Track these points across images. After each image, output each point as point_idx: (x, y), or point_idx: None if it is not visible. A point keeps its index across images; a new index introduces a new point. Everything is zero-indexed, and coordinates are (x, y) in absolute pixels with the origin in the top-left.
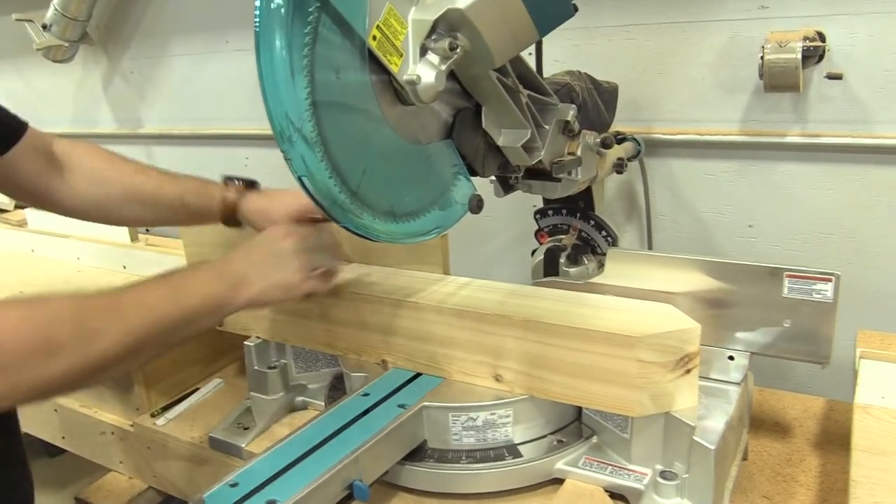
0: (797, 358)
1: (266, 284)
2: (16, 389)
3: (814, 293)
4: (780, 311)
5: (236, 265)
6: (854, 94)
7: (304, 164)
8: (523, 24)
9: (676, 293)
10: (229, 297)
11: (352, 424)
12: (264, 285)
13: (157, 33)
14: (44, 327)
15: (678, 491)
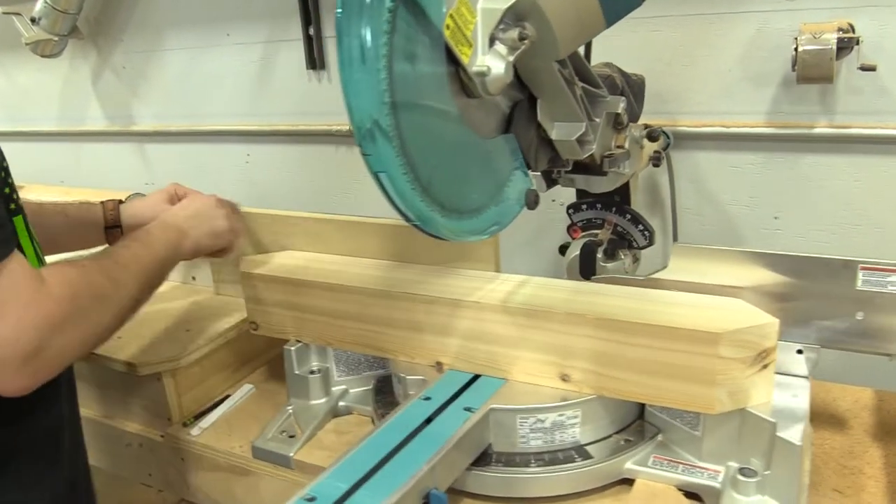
0: (868, 351)
1: (201, 234)
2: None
3: (888, 285)
4: (853, 304)
5: (178, 219)
6: (883, 86)
7: (382, 161)
8: (592, 13)
9: (742, 287)
10: (180, 245)
11: (420, 431)
12: (201, 234)
13: (151, 26)
14: (95, 280)
15: (759, 488)
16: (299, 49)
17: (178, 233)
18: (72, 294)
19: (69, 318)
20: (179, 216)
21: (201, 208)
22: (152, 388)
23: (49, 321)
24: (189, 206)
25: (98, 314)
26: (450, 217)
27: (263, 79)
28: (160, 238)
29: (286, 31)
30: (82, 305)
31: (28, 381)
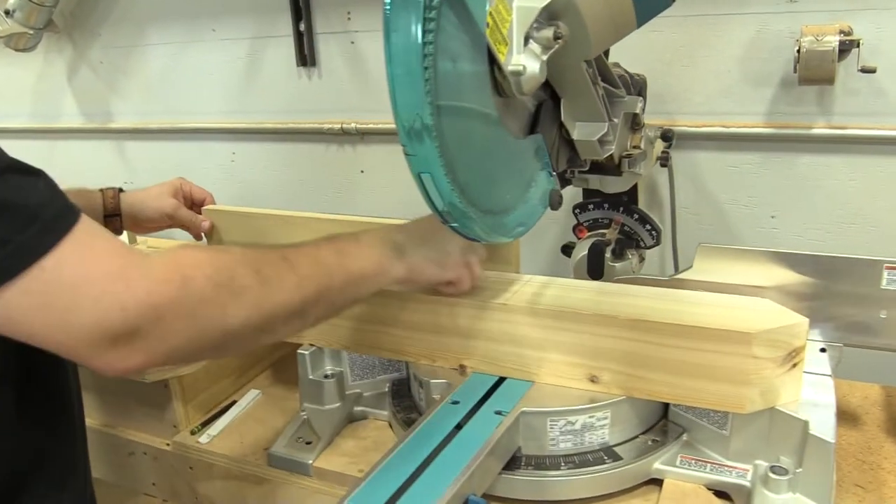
0: (891, 349)
1: (423, 258)
2: (202, 332)
3: None
4: (878, 303)
5: (398, 237)
6: (880, 88)
7: (426, 161)
8: (626, 12)
9: (766, 287)
10: (390, 265)
11: (453, 436)
12: (421, 258)
13: (132, 20)
14: (229, 268)
15: (790, 486)
16: (289, 45)
17: (392, 251)
18: (182, 277)
19: (175, 304)
20: (405, 239)
21: (430, 229)
22: (158, 395)
23: (142, 302)
24: (428, 224)
25: (226, 308)
26: (483, 218)
27: (251, 76)
28: (366, 253)
29: (275, 26)
30: (199, 293)
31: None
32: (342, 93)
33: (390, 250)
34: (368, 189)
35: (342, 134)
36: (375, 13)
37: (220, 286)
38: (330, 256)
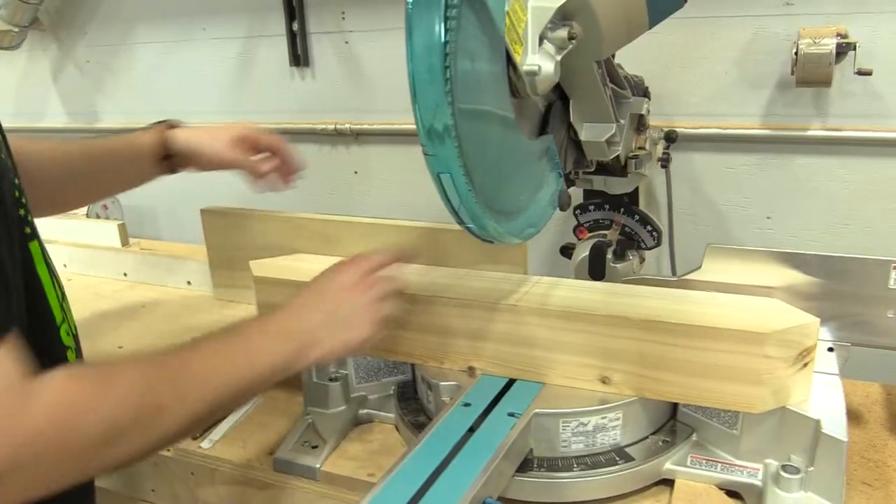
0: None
1: (336, 343)
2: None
3: None
4: (885, 303)
5: (305, 322)
6: (874, 90)
7: (445, 161)
8: (639, 13)
9: (774, 287)
10: (298, 360)
11: (467, 439)
12: (334, 344)
13: (119, 18)
14: (109, 415)
15: (802, 485)
16: (282, 45)
17: (301, 346)
18: (67, 421)
19: (54, 444)
20: (312, 319)
21: (345, 301)
22: None
23: (23, 440)
24: (327, 294)
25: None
26: (497, 219)
27: (242, 75)
28: (271, 351)
29: (267, 26)
30: (83, 439)
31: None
32: (336, 93)
33: (298, 344)
34: (363, 190)
35: (336, 135)
36: (370, 13)
37: (107, 432)
38: (233, 363)
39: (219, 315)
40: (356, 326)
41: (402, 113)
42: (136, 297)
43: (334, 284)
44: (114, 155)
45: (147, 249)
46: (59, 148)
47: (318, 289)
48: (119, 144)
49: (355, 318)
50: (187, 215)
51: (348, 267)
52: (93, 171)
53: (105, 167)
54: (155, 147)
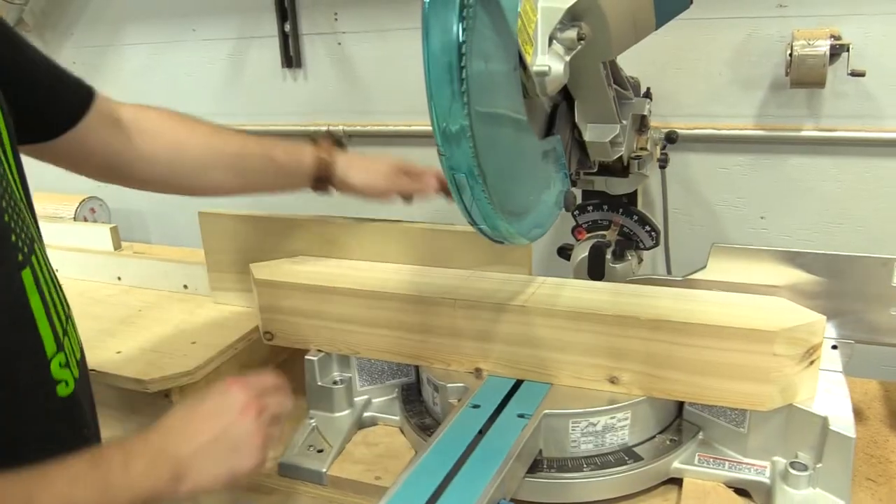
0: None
1: (220, 471)
2: None
3: None
4: (888, 301)
5: (180, 447)
6: (866, 91)
7: (460, 161)
8: (646, 14)
9: (779, 286)
10: (167, 491)
11: (479, 441)
12: (218, 472)
13: (107, 20)
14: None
15: (810, 481)
16: (273, 46)
17: (173, 476)
18: None
19: None
20: (192, 442)
21: (235, 424)
22: (158, 406)
23: None
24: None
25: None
26: (508, 220)
27: (233, 77)
28: (136, 485)
29: (258, 27)
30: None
31: None
32: (329, 95)
33: (169, 473)
34: None
35: (328, 136)
36: (363, 14)
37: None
38: (93, 490)
39: (218, 318)
40: (246, 453)
41: (395, 115)
42: (132, 301)
43: (223, 404)
44: (273, 162)
45: (140, 253)
46: (217, 135)
47: (201, 409)
48: (282, 155)
49: (245, 443)
50: (178, 218)
51: (238, 387)
52: (247, 169)
53: (259, 170)
54: (315, 169)
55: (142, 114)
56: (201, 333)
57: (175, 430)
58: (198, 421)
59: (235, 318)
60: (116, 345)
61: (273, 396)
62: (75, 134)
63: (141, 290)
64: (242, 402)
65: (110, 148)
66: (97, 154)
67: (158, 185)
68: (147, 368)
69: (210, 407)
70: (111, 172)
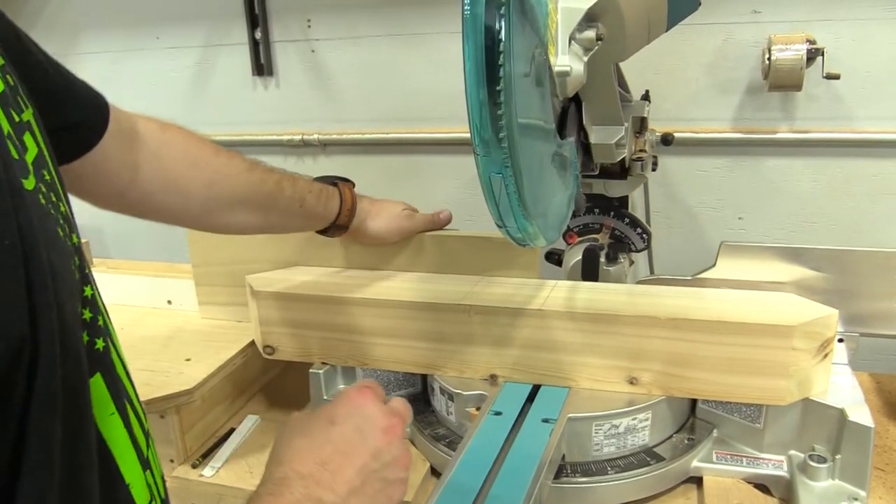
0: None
1: None
2: None
3: None
4: (893, 293)
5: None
6: (838, 94)
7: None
8: (660, 16)
9: (785, 282)
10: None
11: (508, 450)
12: None
13: (63, 27)
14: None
15: (829, 473)
16: (244, 54)
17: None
18: None
19: None
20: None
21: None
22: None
23: None
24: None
25: None
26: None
27: (201, 86)
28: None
29: (227, 34)
30: None
31: None
32: (302, 103)
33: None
34: None
35: (303, 145)
36: (338, 21)
37: None
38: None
39: (209, 333)
40: (397, 482)
41: (371, 123)
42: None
43: (363, 426)
44: (303, 207)
45: (115, 269)
46: (253, 172)
47: (339, 439)
48: (312, 201)
49: (396, 472)
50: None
51: (366, 398)
52: (276, 211)
53: (287, 213)
54: (337, 217)
55: (166, 135)
56: (195, 350)
57: (316, 479)
58: (337, 455)
59: (227, 333)
60: None
61: (396, 401)
62: (93, 156)
63: (121, 308)
64: (383, 419)
65: (130, 175)
66: (113, 181)
67: (181, 220)
68: (141, 389)
69: (348, 434)
70: (129, 203)
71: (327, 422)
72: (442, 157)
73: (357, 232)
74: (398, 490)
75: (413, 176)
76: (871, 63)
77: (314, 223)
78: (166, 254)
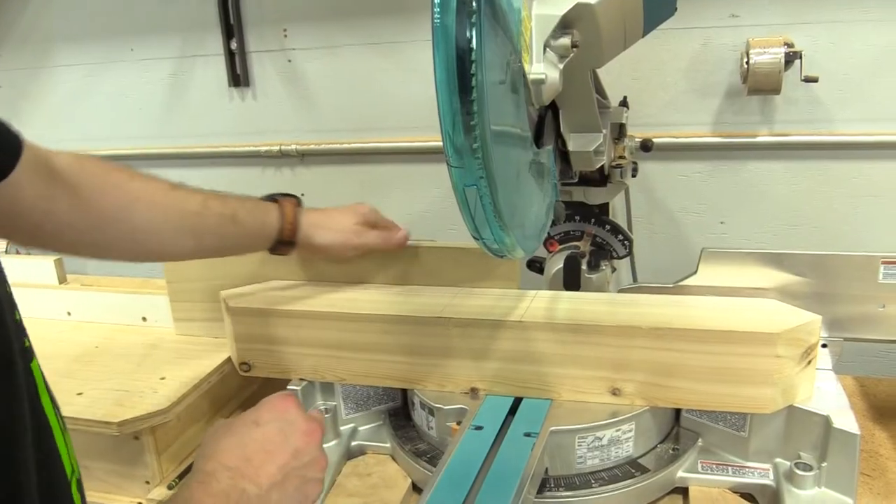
0: (888, 340)
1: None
2: None
3: None
4: (876, 297)
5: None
6: (816, 97)
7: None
8: (636, 22)
9: (767, 288)
10: None
11: (490, 465)
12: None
13: (37, 39)
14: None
15: (816, 481)
16: (219, 65)
17: None
18: None
19: None
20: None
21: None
22: (127, 449)
23: None
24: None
25: None
26: (512, 233)
27: (176, 97)
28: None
29: (202, 45)
30: None
31: None
32: (280, 113)
33: None
34: None
35: (280, 156)
36: (314, 30)
37: None
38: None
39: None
40: (314, 480)
41: (349, 132)
42: (86, 337)
43: (286, 427)
44: (235, 225)
45: (89, 286)
46: (174, 193)
47: (263, 437)
48: (245, 217)
49: (313, 472)
50: None
51: (289, 404)
52: (206, 232)
53: (219, 233)
54: (278, 232)
55: (81, 165)
56: (170, 368)
57: (241, 471)
58: (261, 452)
59: (202, 350)
60: (76, 386)
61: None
62: (3, 191)
63: (95, 325)
64: (304, 423)
65: (46, 206)
66: (28, 215)
67: (103, 251)
68: (115, 409)
69: (271, 434)
70: (45, 236)
71: (252, 423)
72: (422, 165)
73: (307, 247)
74: (315, 488)
75: (393, 185)
76: (849, 65)
77: (254, 241)
78: (142, 269)
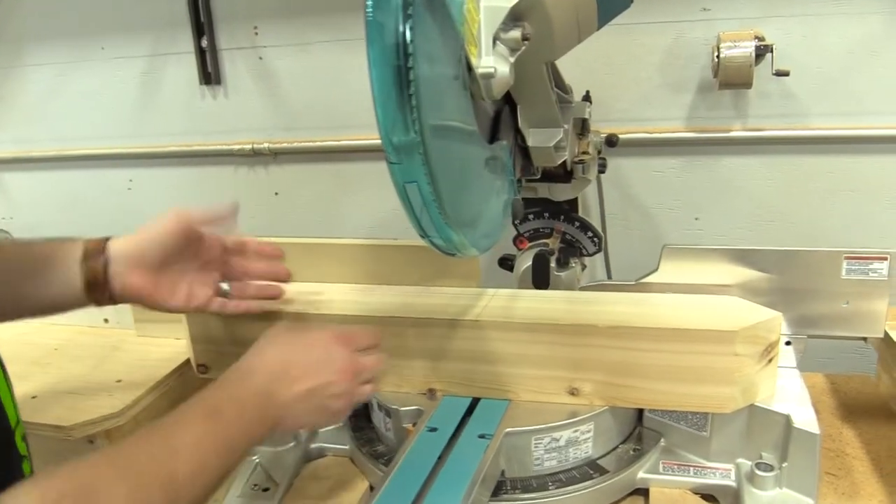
0: (852, 336)
1: (305, 422)
2: None
3: (870, 272)
4: (839, 293)
5: (283, 394)
6: (789, 91)
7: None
8: (589, 14)
9: (730, 285)
10: (269, 434)
11: (440, 467)
12: (303, 423)
13: (7, 39)
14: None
15: (776, 481)
16: (190, 63)
17: (274, 422)
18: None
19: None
20: (290, 392)
21: (332, 385)
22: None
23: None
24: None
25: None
26: (460, 231)
27: (148, 96)
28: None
29: (174, 43)
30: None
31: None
32: (252, 111)
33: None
34: (285, 211)
35: (253, 155)
36: (285, 27)
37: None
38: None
39: (144, 352)
40: (333, 411)
41: (322, 130)
42: (45, 339)
43: (325, 361)
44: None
45: None
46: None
47: (304, 358)
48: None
49: (336, 403)
50: None
51: (341, 346)
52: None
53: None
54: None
55: None
56: (127, 371)
57: (278, 377)
58: (299, 369)
59: (162, 352)
60: (31, 388)
61: (370, 356)
62: None
63: (55, 327)
64: (343, 363)
65: None
66: None
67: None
68: (68, 413)
69: (313, 360)
70: None
71: (303, 346)
72: None
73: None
74: (331, 417)
75: (365, 183)
76: (823, 59)
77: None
78: None
